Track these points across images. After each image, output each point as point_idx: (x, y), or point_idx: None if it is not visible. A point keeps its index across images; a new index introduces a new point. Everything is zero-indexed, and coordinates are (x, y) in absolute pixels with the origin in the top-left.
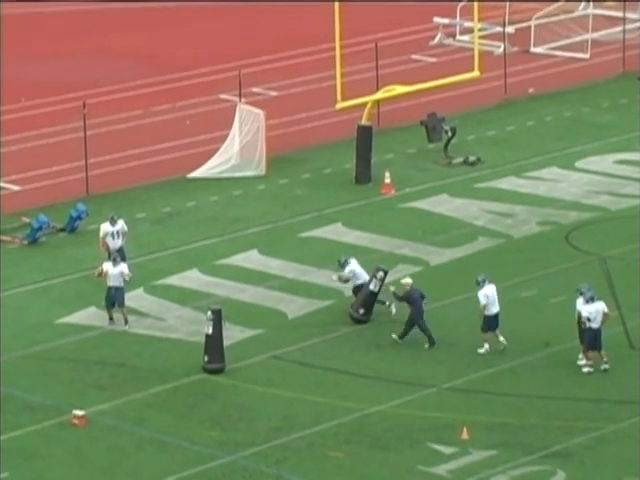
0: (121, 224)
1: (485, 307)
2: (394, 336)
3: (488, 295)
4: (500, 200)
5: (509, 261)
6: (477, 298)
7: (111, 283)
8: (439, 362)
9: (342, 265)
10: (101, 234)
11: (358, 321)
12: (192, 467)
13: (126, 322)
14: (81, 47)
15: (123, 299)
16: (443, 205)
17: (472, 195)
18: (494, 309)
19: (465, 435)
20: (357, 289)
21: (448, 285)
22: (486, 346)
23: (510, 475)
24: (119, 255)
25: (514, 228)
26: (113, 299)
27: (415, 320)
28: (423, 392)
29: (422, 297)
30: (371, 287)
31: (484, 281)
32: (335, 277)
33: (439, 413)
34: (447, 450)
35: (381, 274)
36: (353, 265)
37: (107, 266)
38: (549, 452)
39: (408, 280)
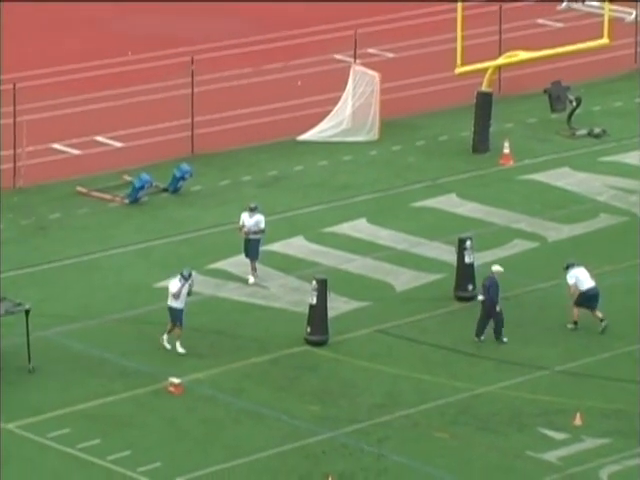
0: (192, 277)
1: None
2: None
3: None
4: (625, 175)
5: (632, 241)
6: (588, 278)
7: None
8: (552, 344)
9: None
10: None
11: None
12: (290, 442)
13: (254, 275)
14: (192, 2)
15: (257, 252)
16: (564, 179)
17: (595, 169)
18: (585, 285)
19: (578, 421)
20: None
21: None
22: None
23: (625, 465)
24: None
25: (639, 206)
26: (246, 251)
27: None
28: (534, 374)
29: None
30: (467, 260)
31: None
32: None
33: (550, 397)
34: (558, 436)
35: (468, 242)
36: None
37: (244, 217)
38: None
39: None
